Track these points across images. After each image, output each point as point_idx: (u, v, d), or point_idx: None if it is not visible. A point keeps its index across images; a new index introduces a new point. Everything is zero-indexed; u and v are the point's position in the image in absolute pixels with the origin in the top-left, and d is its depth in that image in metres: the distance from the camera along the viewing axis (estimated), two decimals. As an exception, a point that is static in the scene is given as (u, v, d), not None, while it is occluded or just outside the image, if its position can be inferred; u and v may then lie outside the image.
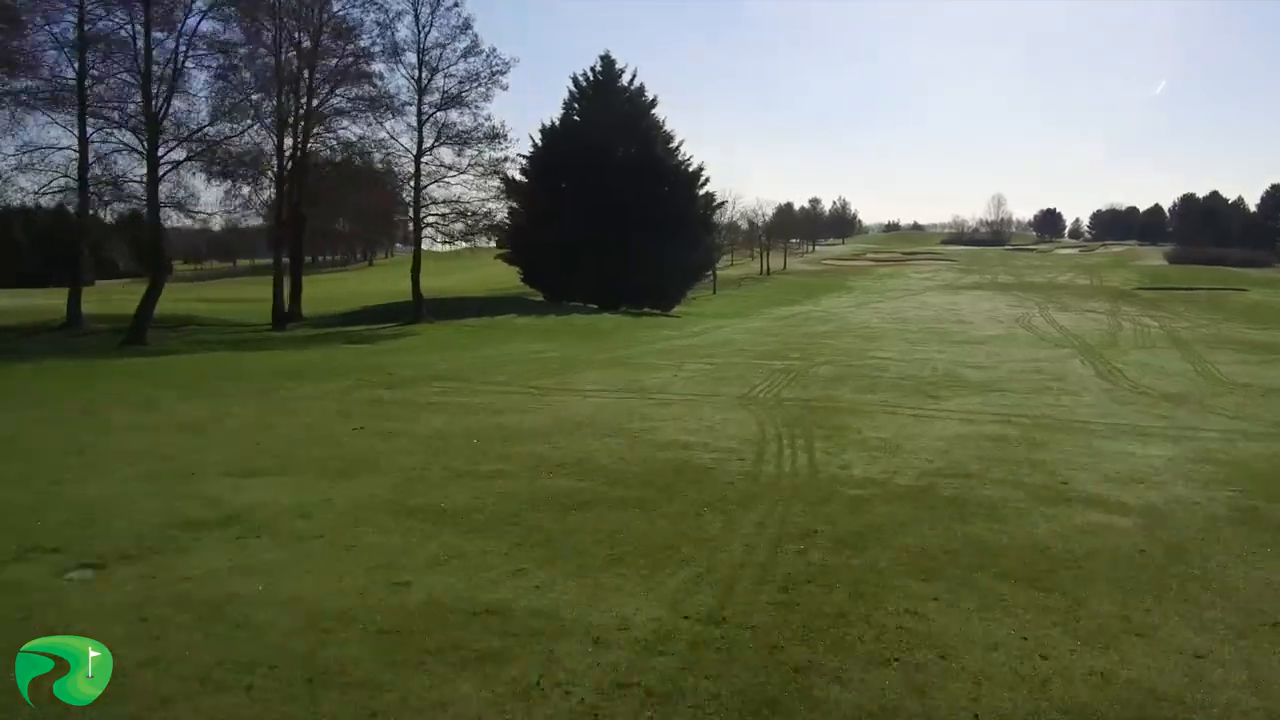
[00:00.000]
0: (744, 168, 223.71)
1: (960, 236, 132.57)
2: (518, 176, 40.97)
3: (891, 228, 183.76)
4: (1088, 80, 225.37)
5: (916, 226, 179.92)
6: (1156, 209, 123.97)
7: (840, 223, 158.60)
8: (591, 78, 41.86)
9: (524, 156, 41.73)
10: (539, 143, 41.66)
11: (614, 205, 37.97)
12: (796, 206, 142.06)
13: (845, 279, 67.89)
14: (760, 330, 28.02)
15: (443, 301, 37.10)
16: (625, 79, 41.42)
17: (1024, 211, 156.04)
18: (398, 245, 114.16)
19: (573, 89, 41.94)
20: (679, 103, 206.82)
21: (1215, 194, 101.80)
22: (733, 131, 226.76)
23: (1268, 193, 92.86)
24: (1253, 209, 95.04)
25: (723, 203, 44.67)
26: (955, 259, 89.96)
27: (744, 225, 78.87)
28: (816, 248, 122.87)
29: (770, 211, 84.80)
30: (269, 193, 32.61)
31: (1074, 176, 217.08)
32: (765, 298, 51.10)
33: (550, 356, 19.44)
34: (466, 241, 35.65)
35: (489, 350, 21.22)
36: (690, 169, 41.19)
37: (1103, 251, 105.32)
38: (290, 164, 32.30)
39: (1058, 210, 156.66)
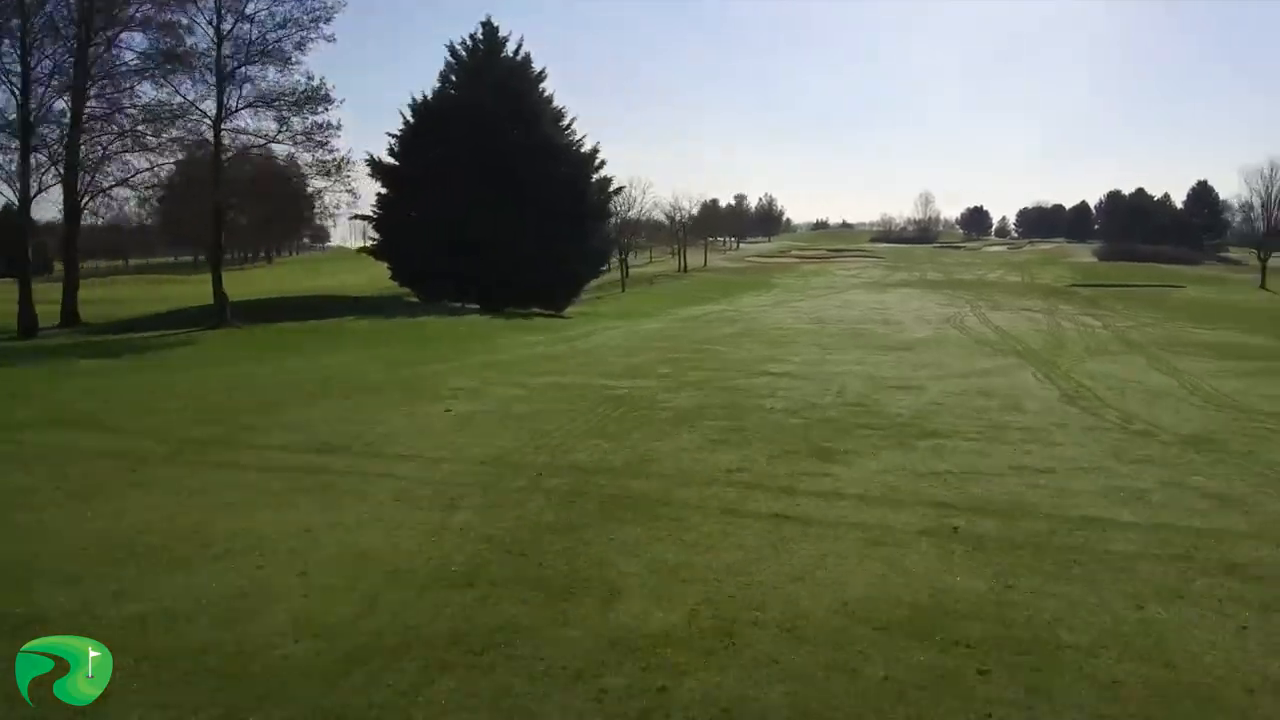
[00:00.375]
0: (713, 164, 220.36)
1: (888, 234, 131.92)
2: (385, 158, 35.02)
3: (820, 226, 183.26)
4: (1015, 78, 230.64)
5: (845, 225, 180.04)
6: (1083, 206, 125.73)
7: (767, 220, 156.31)
8: (471, 46, 35.95)
9: (393, 135, 35.66)
10: (409, 119, 35.46)
11: (496, 192, 32.41)
12: (723, 203, 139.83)
13: (768, 276, 63.67)
14: (651, 335, 22.81)
15: (275, 303, 30.56)
16: (510, 48, 35.66)
17: (950, 211, 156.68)
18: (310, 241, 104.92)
19: (450, 59, 35.98)
20: (681, 102, 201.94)
21: (1141, 191, 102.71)
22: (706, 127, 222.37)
23: (1194, 190, 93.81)
24: (1179, 206, 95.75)
25: (620, 188, 39.07)
26: (882, 256, 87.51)
27: (664, 220, 74.24)
28: (741, 245, 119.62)
29: (691, 206, 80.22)
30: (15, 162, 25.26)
31: (1001, 174, 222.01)
32: (678, 296, 46.02)
33: (309, 378, 13.63)
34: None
35: (245, 369, 15.31)
36: (583, 149, 35.65)
37: (1031, 249, 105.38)
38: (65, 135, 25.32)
39: (984, 208, 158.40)
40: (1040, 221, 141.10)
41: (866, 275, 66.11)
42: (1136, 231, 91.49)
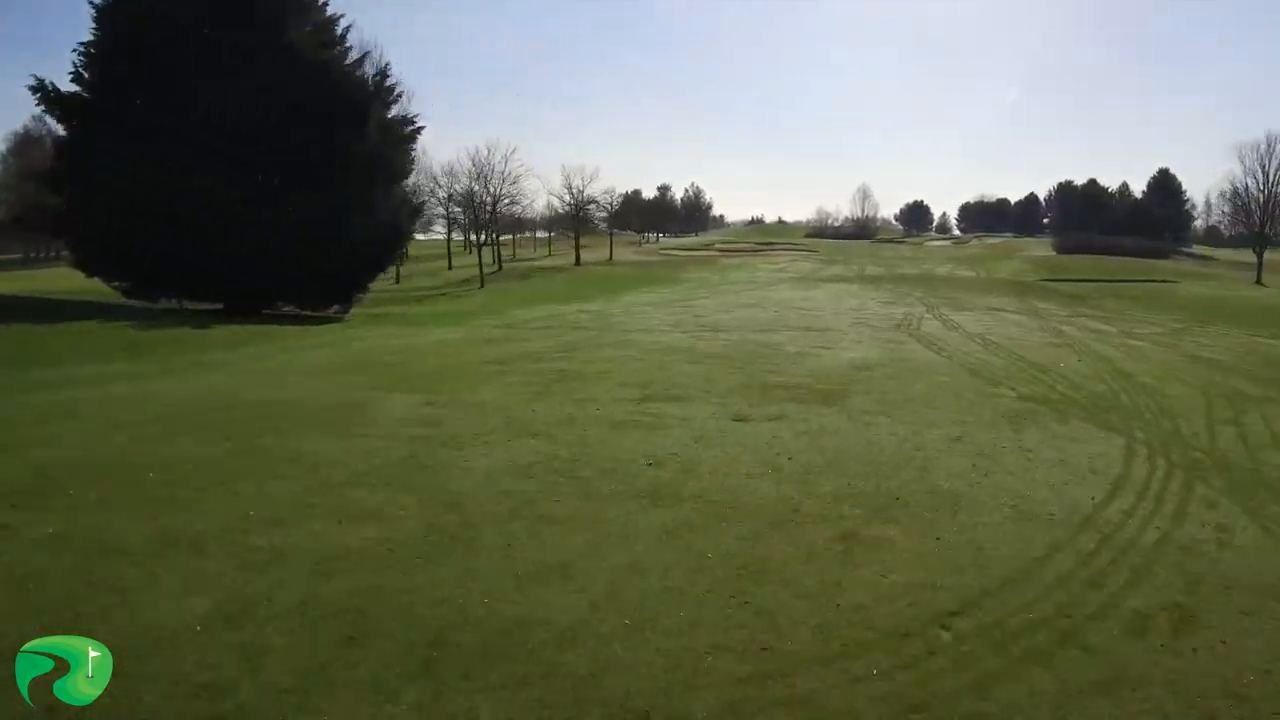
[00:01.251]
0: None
1: (824, 231, 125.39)
2: (69, 85, 24.26)
3: (755, 223, 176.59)
4: (951, 73, 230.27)
5: (782, 223, 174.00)
6: (1031, 199, 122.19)
7: (695, 212, 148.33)
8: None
9: (82, 51, 24.75)
10: (97, 30, 24.68)
11: (231, 139, 22.07)
12: (647, 195, 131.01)
13: (677, 271, 54.58)
14: (383, 359, 13.38)
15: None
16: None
17: (889, 208, 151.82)
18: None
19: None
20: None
21: (1094, 182, 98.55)
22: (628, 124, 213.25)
23: (1155, 179, 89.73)
24: (1138, 195, 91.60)
25: (421, 128, 28.53)
26: (816, 250, 79.84)
27: (559, 205, 64.80)
28: (661, 239, 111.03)
29: (585, 185, 70.64)
30: None
31: (939, 171, 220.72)
32: (543, 294, 36.35)
33: None
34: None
35: None
36: (358, 73, 25.43)
37: (978, 244, 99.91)
38: None
39: (924, 203, 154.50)
40: (984, 215, 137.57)
41: (795, 269, 57.79)
42: (1092, 224, 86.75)
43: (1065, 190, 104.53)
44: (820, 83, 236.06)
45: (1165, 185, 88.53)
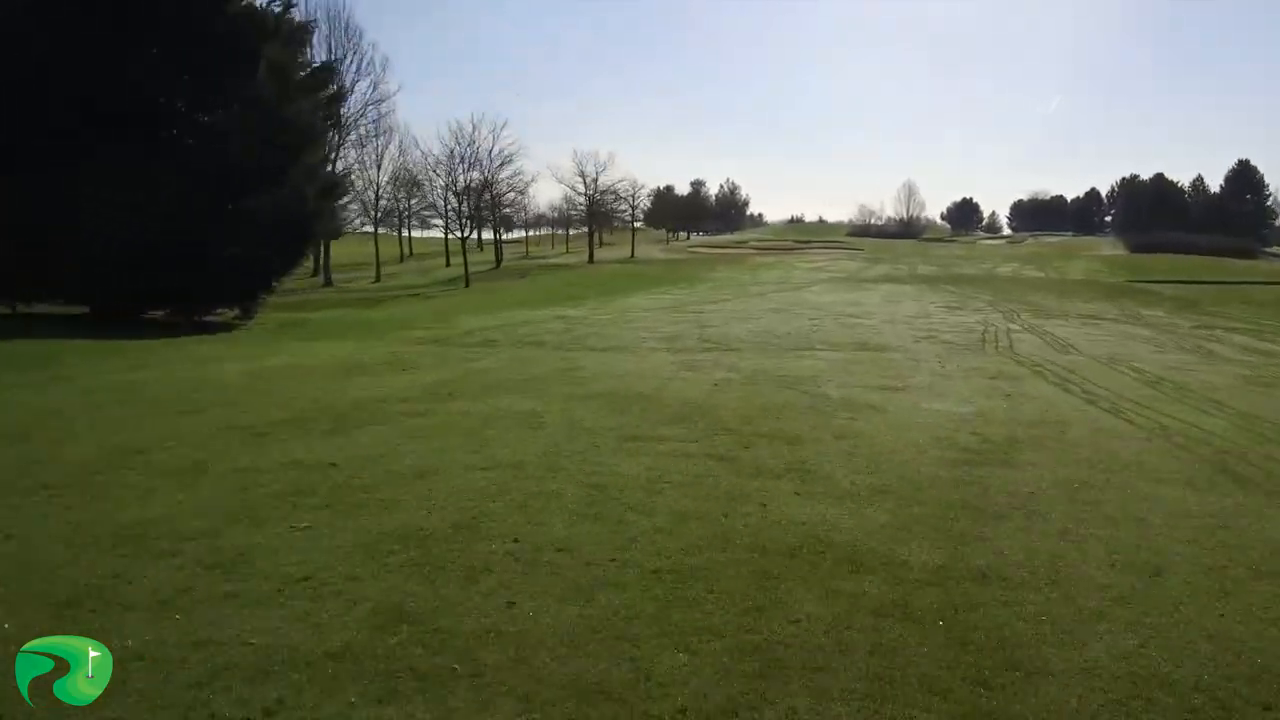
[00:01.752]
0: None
1: (867, 230, 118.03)
2: None
3: (794, 222, 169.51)
4: (995, 73, 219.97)
5: (822, 221, 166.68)
6: (1092, 195, 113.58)
7: (730, 209, 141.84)
8: None
9: None
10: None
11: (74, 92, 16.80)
12: (679, 190, 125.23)
13: (702, 270, 48.67)
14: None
15: None
16: None
17: (933, 208, 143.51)
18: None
19: None
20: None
21: (1162, 176, 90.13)
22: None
23: (1234, 171, 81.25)
24: (1214, 190, 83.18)
25: (342, 90, 22.97)
26: (860, 248, 73.23)
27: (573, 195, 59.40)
28: (693, 237, 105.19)
29: (597, 172, 65.11)
30: None
31: (986, 170, 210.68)
32: (524, 296, 30.97)
33: None
34: None
35: None
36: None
37: (1034, 242, 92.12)
38: None
39: (973, 200, 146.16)
40: (1039, 214, 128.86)
41: (837, 269, 51.55)
42: (1163, 221, 78.67)
43: (1131, 186, 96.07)
44: (861, 83, 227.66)
45: (1245, 178, 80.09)
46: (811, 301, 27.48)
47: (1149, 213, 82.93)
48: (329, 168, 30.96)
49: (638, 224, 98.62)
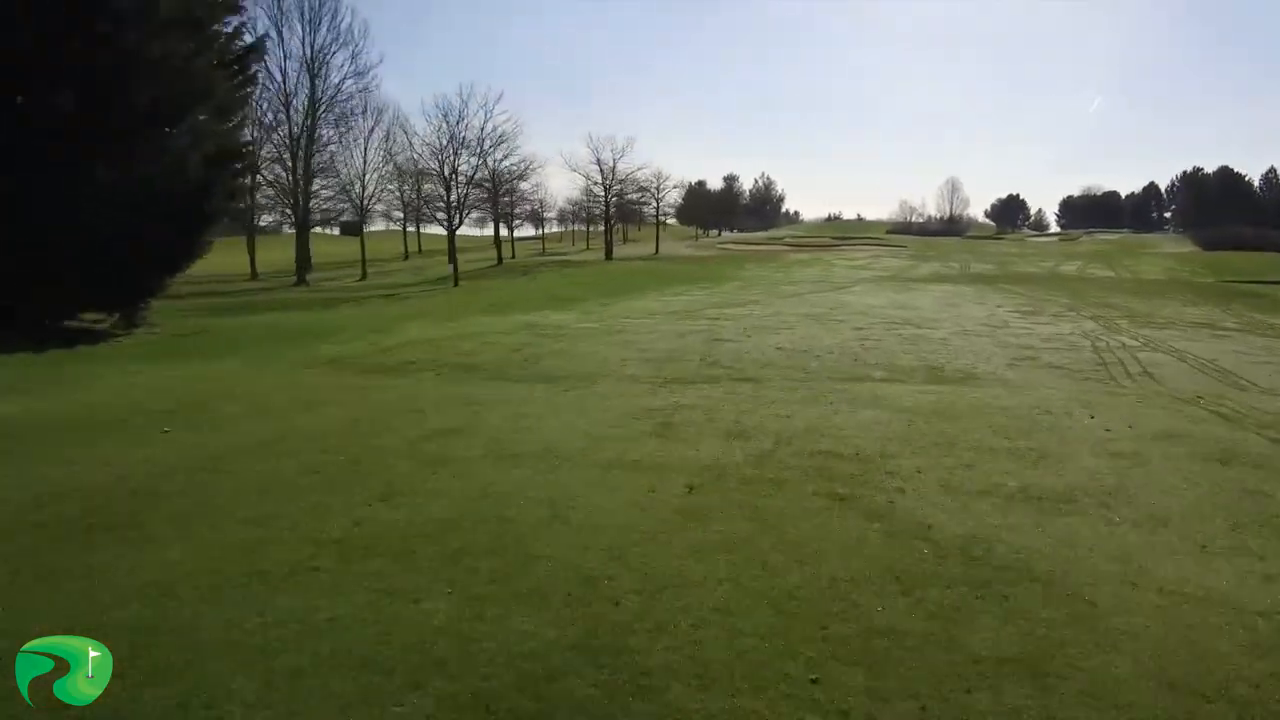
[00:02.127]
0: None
1: (908, 228, 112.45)
2: None
3: (832, 220, 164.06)
4: (1042, 70, 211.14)
5: (860, 220, 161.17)
6: (1150, 190, 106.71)
7: (764, 204, 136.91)
8: None
9: None
10: None
11: None
12: (711, 185, 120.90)
13: (730, 269, 44.45)
14: None
15: None
16: None
17: (976, 206, 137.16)
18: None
19: None
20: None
21: (1228, 169, 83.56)
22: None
23: (1314, 159, 74.40)
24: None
25: (252, 44, 18.97)
26: (905, 245, 68.30)
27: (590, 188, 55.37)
28: (724, 234, 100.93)
29: (616, 158, 61.05)
30: None
31: (1030, 166, 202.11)
32: (510, 299, 26.96)
33: None
34: None
35: None
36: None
37: (1089, 240, 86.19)
38: None
39: (1020, 196, 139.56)
40: (1091, 211, 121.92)
41: (880, 266, 47.00)
42: (1233, 216, 72.57)
43: (1195, 180, 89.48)
44: (900, 82, 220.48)
45: (1334, 167, 73.33)
46: (856, 305, 23.20)
47: (1216, 207, 76.59)
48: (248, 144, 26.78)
49: (666, 219, 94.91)
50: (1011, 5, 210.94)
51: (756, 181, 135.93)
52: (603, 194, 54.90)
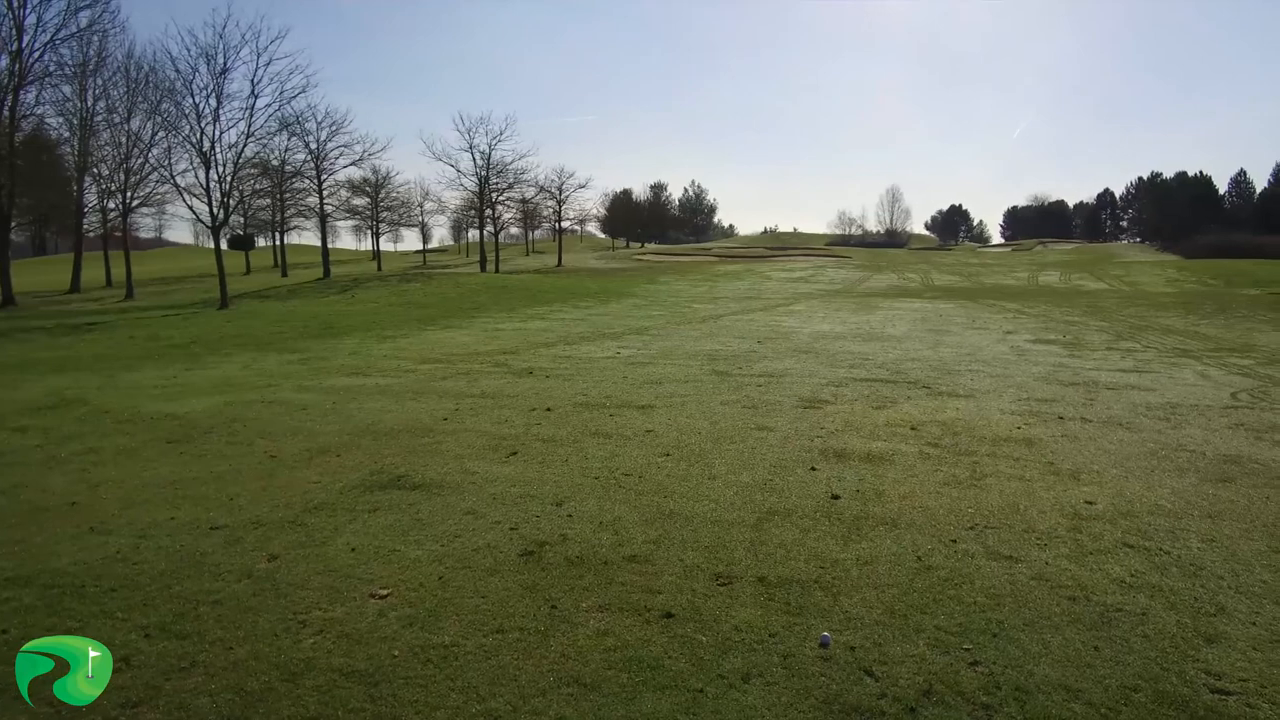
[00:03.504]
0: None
1: (847, 240, 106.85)
2: None
3: (769, 232, 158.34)
4: (974, 82, 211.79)
5: (797, 232, 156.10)
6: (1106, 196, 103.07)
7: (696, 216, 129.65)
8: None
9: None
10: None
11: None
12: (638, 196, 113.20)
13: (639, 282, 35.95)
14: None
15: None
16: None
17: (916, 221, 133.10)
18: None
19: None
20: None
21: (1185, 174, 79.80)
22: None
23: (1283, 163, 70.67)
24: (1260, 186, 72.78)
25: None
26: (849, 256, 61.23)
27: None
28: (647, 245, 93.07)
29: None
30: None
31: (968, 179, 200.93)
32: (266, 331, 17.89)
33: None
34: None
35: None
36: None
37: (1045, 249, 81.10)
38: None
39: (962, 207, 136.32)
40: (1040, 220, 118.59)
41: (825, 278, 39.27)
42: (1201, 223, 68.15)
43: (1157, 187, 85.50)
44: (838, 96, 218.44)
45: (1301, 169, 69.62)
46: (800, 336, 15.02)
47: (1186, 214, 72.15)
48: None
49: (582, 228, 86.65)
50: (956, 17, 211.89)
51: (686, 190, 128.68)
52: (477, 187, 45.72)
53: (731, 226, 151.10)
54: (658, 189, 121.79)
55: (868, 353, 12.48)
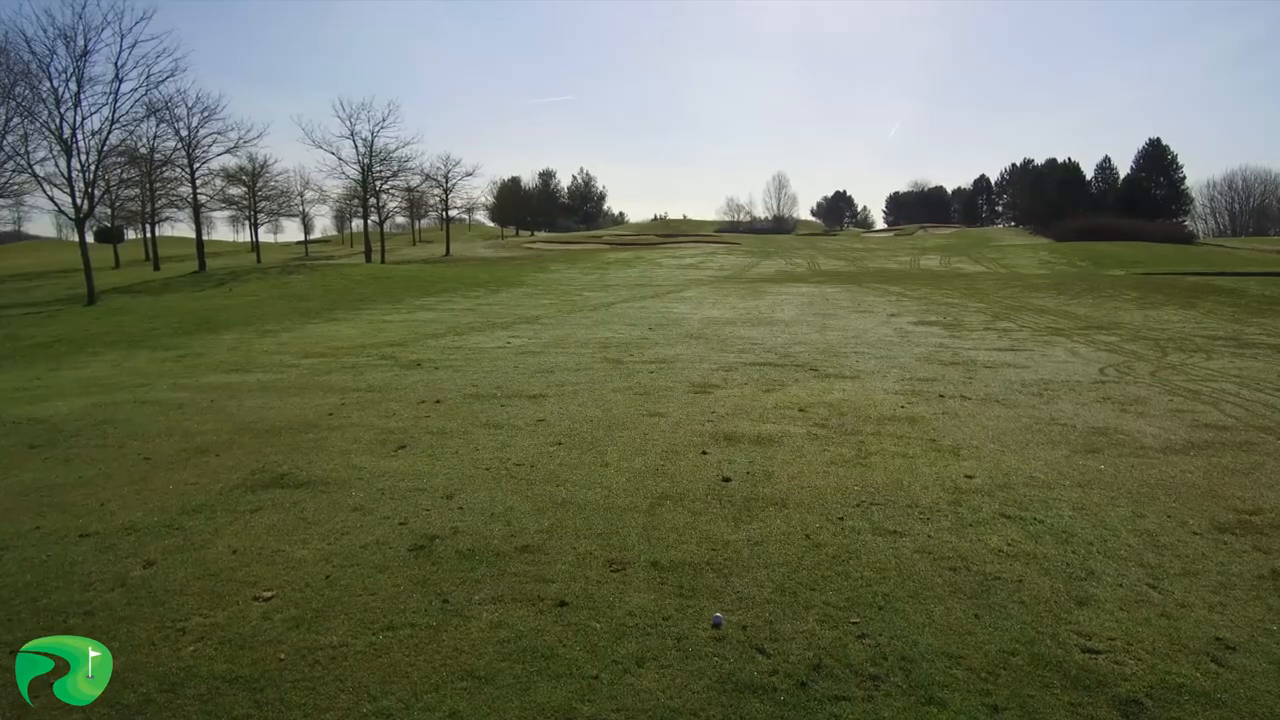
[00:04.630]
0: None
1: (735, 226, 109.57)
2: None
3: (659, 220, 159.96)
4: (853, 71, 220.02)
5: (686, 220, 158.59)
6: (982, 182, 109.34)
7: (585, 204, 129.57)
8: None
9: None
10: None
11: None
12: (526, 183, 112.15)
13: (527, 270, 35.59)
14: None
15: None
16: None
17: (802, 207, 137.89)
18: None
19: None
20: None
21: (1058, 161, 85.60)
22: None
23: (1144, 151, 76.81)
24: (1124, 172, 78.77)
25: None
26: (739, 242, 62.52)
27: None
28: (537, 234, 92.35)
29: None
30: None
31: (854, 170, 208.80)
32: (85, 332, 16.24)
33: None
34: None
35: None
36: None
37: (926, 235, 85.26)
38: None
39: (847, 193, 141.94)
40: (919, 206, 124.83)
41: (715, 265, 39.99)
42: (1071, 207, 73.20)
43: (1029, 172, 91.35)
44: (724, 87, 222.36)
45: (1156, 159, 75.85)
46: (690, 322, 15.22)
47: (1057, 199, 77.27)
48: None
49: (470, 216, 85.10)
50: (837, 11, 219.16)
51: (575, 178, 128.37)
52: (360, 176, 44.25)
53: (622, 214, 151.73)
54: (546, 176, 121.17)
55: (757, 337, 12.77)
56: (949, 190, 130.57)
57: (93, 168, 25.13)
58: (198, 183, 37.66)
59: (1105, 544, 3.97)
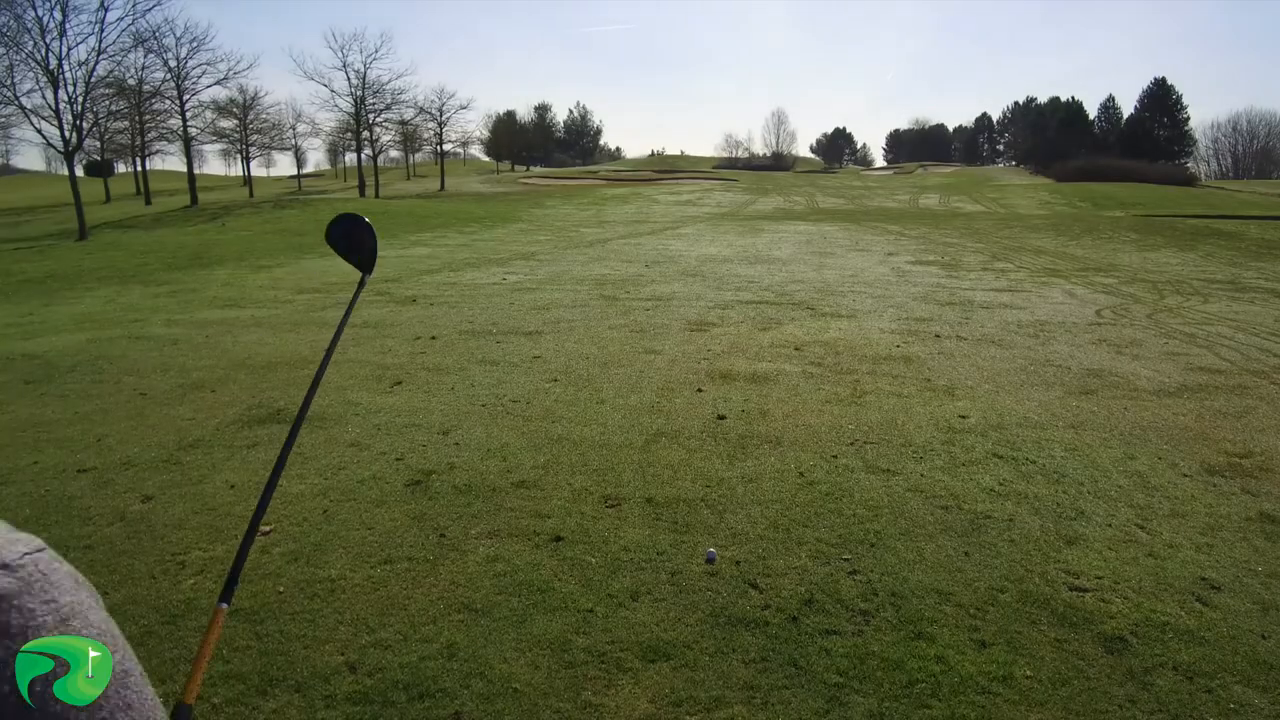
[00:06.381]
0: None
1: (734, 163, 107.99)
2: None
3: (656, 155, 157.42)
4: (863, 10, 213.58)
5: (684, 156, 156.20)
6: (984, 120, 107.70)
7: (582, 139, 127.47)
8: None
9: None
10: None
11: None
12: (522, 116, 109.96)
13: (523, 206, 35.13)
14: None
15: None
16: None
17: (801, 144, 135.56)
18: None
19: None
20: None
21: (1058, 99, 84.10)
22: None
23: (1149, 91, 75.39)
24: (1127, 112, 77.53)
25: None
26: (736, 179, 61.68)
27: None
28: (532, 168, 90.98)
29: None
30: None
31: (853, 108, 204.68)
32: (74, 267, 16.15)
33: None
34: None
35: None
36: None
37: (926, 173, 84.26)
38: None
39: (846, 130, 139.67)
40: (920, 144, 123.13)
41: (712, 202, 39.48)
42: (1074, 148, 72.20)
43: (1031, 111, 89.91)
44: (725, 19, 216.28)
45: (1161, 100, 74.55)
46: (686, 259, 15.12)
47: (1057, 139, 76.19)
48: None
49: (464, 151, 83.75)
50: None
51: (571, 112, 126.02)
52: (353, 108, 43.34)
53: (618, 149, 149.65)
54: (542, 110, 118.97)
55: (754, 275, 12.69)
56: (950, 128, 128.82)
57: (81, 99, 24.56)
58: (188, 115, 36.85)
59: (1096, 484, 3.99)
